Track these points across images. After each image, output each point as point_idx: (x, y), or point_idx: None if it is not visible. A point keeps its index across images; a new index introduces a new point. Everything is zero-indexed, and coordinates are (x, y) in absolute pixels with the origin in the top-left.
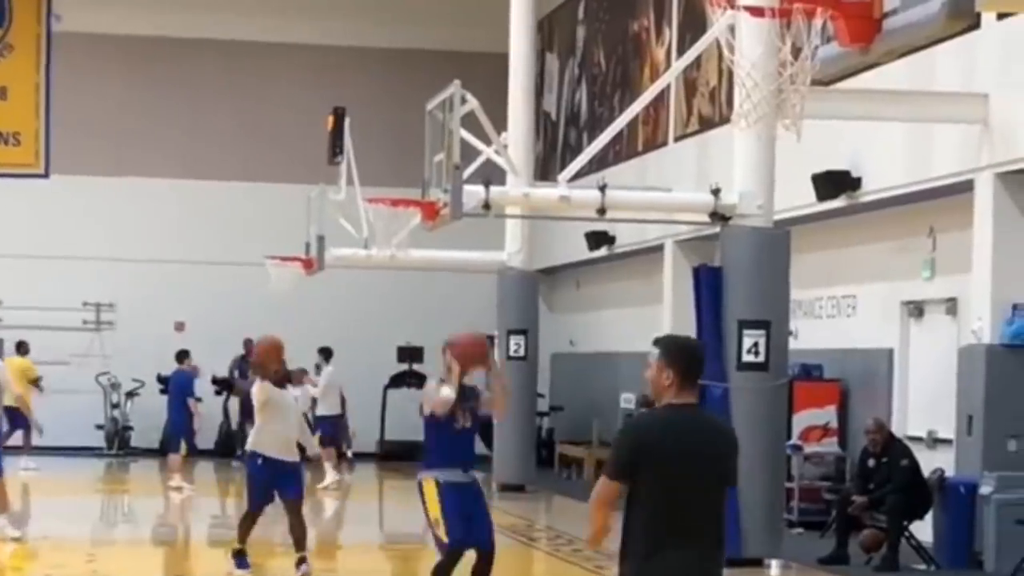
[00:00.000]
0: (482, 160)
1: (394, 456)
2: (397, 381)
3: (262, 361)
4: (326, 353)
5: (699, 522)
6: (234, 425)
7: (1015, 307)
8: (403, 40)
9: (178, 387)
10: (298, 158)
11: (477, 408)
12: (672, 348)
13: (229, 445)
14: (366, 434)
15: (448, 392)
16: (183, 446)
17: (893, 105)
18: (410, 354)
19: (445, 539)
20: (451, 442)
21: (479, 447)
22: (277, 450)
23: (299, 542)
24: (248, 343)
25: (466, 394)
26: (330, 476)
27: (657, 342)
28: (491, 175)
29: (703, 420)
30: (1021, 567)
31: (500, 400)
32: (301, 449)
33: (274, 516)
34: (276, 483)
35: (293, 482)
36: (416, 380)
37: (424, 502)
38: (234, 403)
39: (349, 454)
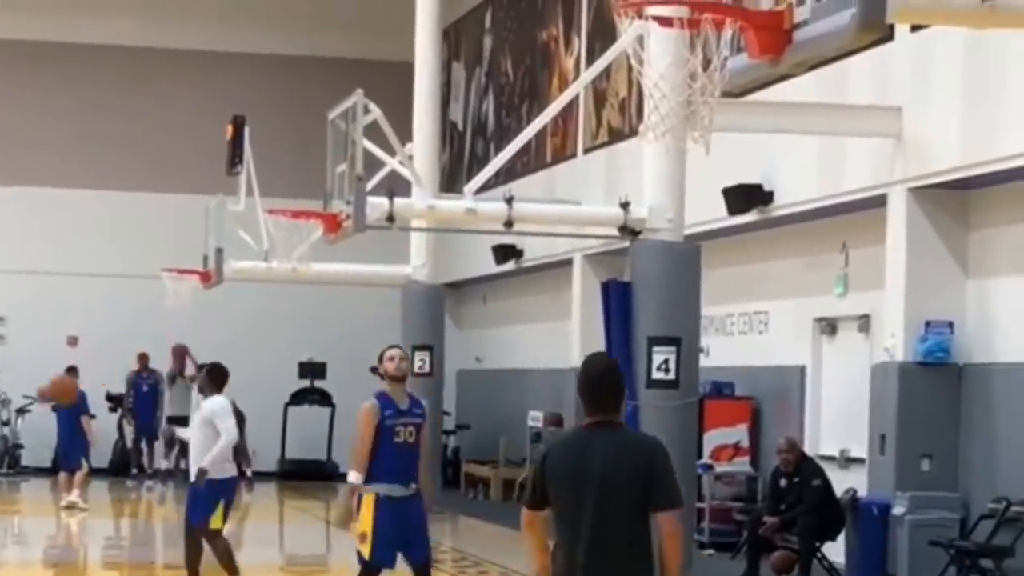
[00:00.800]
0: (386, 171)
1: (295, 475)
2: (298, 398)
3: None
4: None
5: (604, 546)
6: (129, 443)
7: (928, 324)
8: (305, 47)
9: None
10: (196, 168)
11: (422, 424)
12: (580, 370)
13: (124, 463)
14: (266, 453)
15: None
16: (84, 464)
17: (805, 118)
18: (312, 370)
19: (367, 557)
20: (394, 456)
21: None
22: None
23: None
24: (143, 357)
25: (411, 409)
26: None
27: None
28: (395, 187)
29: (611, 439)
30: None
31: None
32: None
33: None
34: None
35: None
36: (318, 397)
37: (357, 512)
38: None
39: (248, 473)
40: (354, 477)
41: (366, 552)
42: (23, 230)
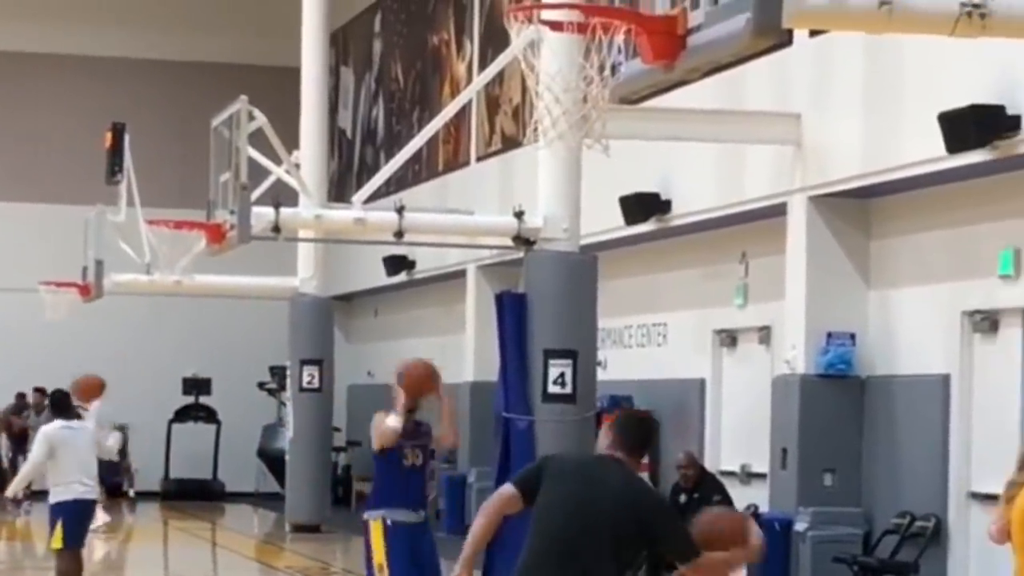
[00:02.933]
0: (272, 180)
1: (179, 495)
2: (183, 415)
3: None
4: (42, 393)
5: (560, 567)
6: (5, 462)
7: (830, 335)
8: (188, 52)
9: None
10: (74, 177)
11: (429, 446)
12: (624, 424)
13: (2, 484)
14: (149, 471)
15: (394, 421)
16: None
17: (703, 125)
18: (197, 386)
19: None
20: (400, 480)
21: (272, 484)
22: None
23: None
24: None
25: (417, 430)
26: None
27: (618, 416)
28: (282, 196)
29: (613, 474)
30: None
31: (449, 430)
32: None
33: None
34: None
35: None
36: (203, 414)
37: (368, 543)
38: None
39: (131, 493)
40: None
41: None
42: None
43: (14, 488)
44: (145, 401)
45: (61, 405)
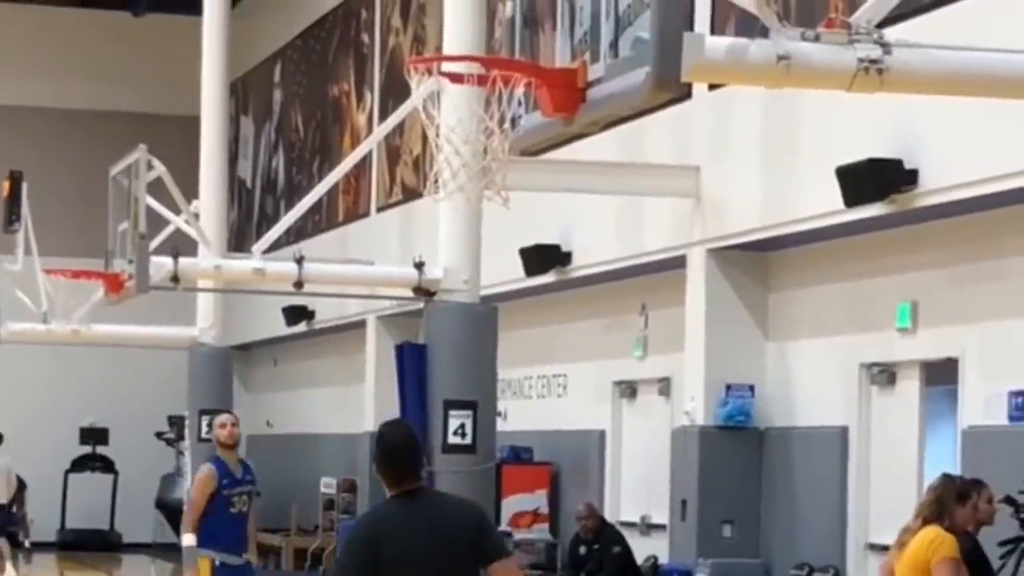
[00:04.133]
0: (171, 230)
1: (76, 546)
2: (79, 465)
3: None
4: None
5: None
6: None
7: (729, 387)
8: (86, 100)
9: None
10: None
11: (254, 491)
12: (380, 442)
13: None
14: (45, 522)
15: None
16: None
17: (603, 177)
18: (94, 436)
19: None
20: (227, 525)
21: (170, 535)
22: None
23: None
24: None
25: (243, 478)
26: (7, 572)
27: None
28: (181, 245)
29: (428, 505)
30: None
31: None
32: None
33: None
34: None
35: None
36: (100, 464)
37: None
38: None
39: (27, 544)
40: (189, 540)
41: None
42: None
43: None
44: (42, 451)
45: None
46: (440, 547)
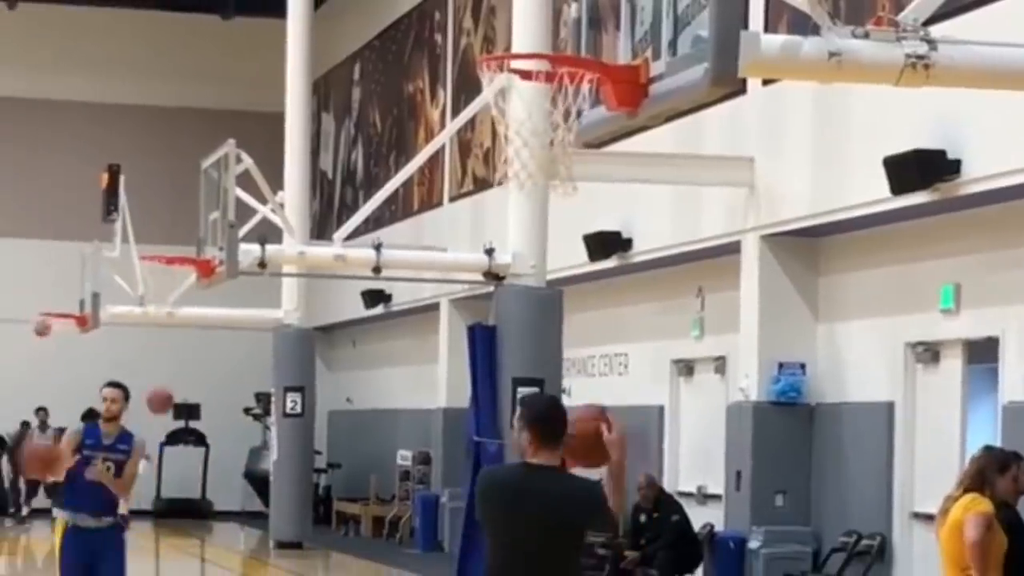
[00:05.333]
0: (258, 219)
1: (170, 513)
2: (173, 438)
3: None
4: (89, 415)
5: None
6: (7, 483)
7: (781, 365)
8: (179, 98)
9: None
10: (72, 215)
11: (126, 462)
12: (531, 408)
13: (2, 502)
14: (141, 492)
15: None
16: None
17: (662, 168)
18: (187, 411)
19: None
20: (84, 486)
21: (257, 504)
22: None
23: None
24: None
25: (115, 446)
26: None
27: (521, 402)
28: (267, 234)
29: (554, 483)
30: None
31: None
32: None
33: None
34: None
35: None
36: (193, 437)
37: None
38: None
39: (125, 512)
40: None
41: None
42: None
43: None
44: (138, 425)
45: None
46: (543, 526)
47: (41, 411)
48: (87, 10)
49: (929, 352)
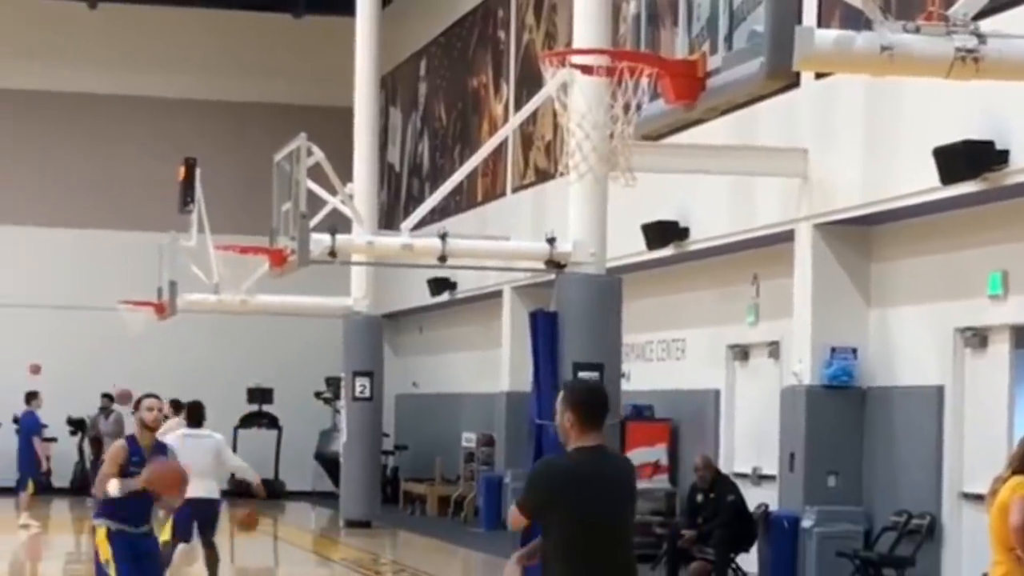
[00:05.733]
0: (328, 209)
1: (245, 493)
2: (247, 421)
3: None
4: (175, 405)
5: (610, 554)
6: (88, 464)
7: (833, 350)
8: (252, 94)
9: (25, 427)
10: (150, 206)
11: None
12: (573, 391)
13: (84, 483)
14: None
15: (114, 489)
16: (30, 484)
17: (718, 159)
18: (260, 395)
19: None
20: (125, 501)
21: (328, 484)
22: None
23: None
24: (108, 397)
25: (152, 460)
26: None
27: (564, 386)
28: (337, 224)
29: (607, 462)
30: None
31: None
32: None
33: None
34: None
35: None
36: (266, 420)
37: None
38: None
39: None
40: (114, 485)
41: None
42: None
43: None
44: (213, 409)
45: (191, 415)
46: (613, 501)
47: (106, 397)
48: (163, 9)
49: (977, 337)
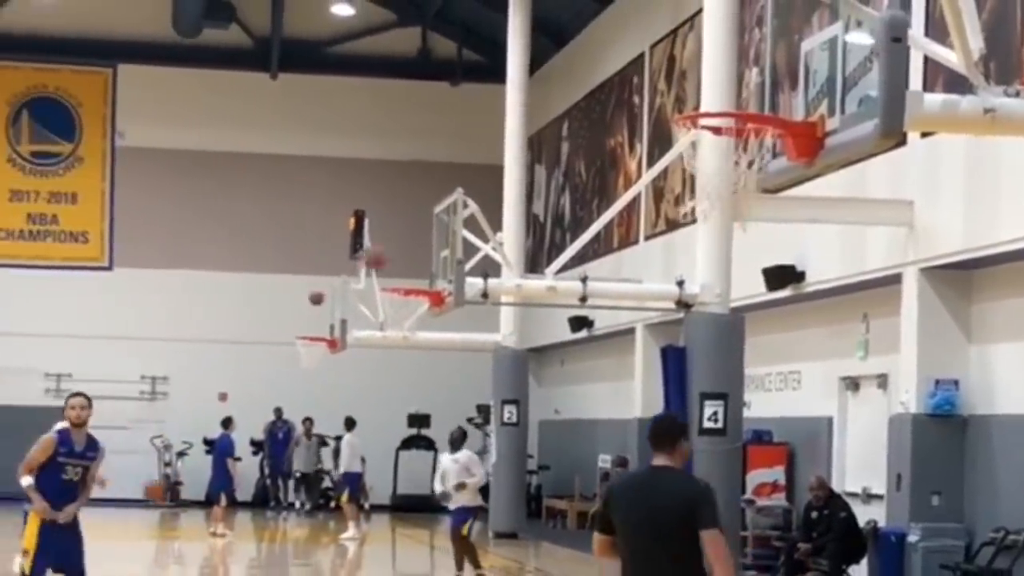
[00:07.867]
0: (481, 256)
1: (405, 508)
2: (408, 443)
3: None
4: (349, 423)
5: (654, 565)
6: (267, 480)
7: (937, 382)
8: (414, 154)
9: (220, 449)
10: (324, 253)
11: (91, 468)
12: (652, 430)
13: (264, 497)
14: (381, 489)
15: (26, 483)
16: (223, 498)
17: (833, 210)
18: (419, 420)
19: (27, 571)
20: (57, 489)
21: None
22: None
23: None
24: (278, 411)
25: (84, 453)
26: (351, 530)
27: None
28: (489, 269)
29: (661, 478)
30: None
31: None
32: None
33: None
34: None
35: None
36: (424, 443)
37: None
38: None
39: (367, 506)
40: (27, 480)
41: (27, 567)
42: (183, 305)
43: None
44: (378, 432)
45: (452, 441)
46: (656, 511)
47: (307, 420)
48: (335, 79)
49: None
